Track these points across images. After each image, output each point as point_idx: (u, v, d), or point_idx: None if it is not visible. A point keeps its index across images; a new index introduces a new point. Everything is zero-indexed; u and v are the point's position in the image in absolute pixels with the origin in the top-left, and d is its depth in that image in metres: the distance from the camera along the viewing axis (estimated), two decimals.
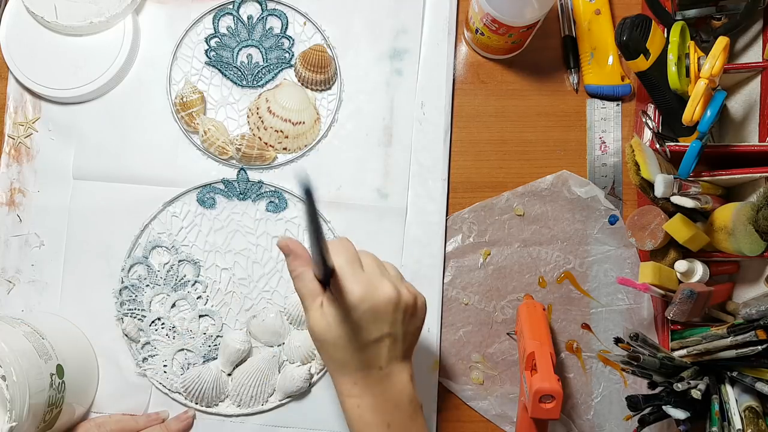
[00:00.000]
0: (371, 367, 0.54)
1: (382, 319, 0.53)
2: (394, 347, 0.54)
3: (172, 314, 0.71)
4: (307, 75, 0.72)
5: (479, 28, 0.68)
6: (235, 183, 0.72)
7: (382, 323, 0.53)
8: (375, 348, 0.54)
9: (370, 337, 0.53)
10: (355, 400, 0.54)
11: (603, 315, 0.71)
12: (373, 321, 0.53)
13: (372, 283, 0.53)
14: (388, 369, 0.54)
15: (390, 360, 0.54)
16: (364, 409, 0.54)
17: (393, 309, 0.53)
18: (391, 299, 0.53)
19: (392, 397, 0.54)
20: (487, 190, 0.73)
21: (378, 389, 0.54)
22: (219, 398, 0.70)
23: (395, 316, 0.54)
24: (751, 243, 0.59)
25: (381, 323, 0.53)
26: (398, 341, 0.55)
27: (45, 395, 0.60)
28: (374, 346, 0.53)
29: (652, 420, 0.60)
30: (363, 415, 0.54)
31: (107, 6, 0.71)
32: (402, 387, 0.55)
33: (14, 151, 0.73)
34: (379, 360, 0.54)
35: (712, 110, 0.57)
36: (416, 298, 0.56)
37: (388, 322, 0.53)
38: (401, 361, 0.55)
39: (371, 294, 0.52)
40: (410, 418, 0.55)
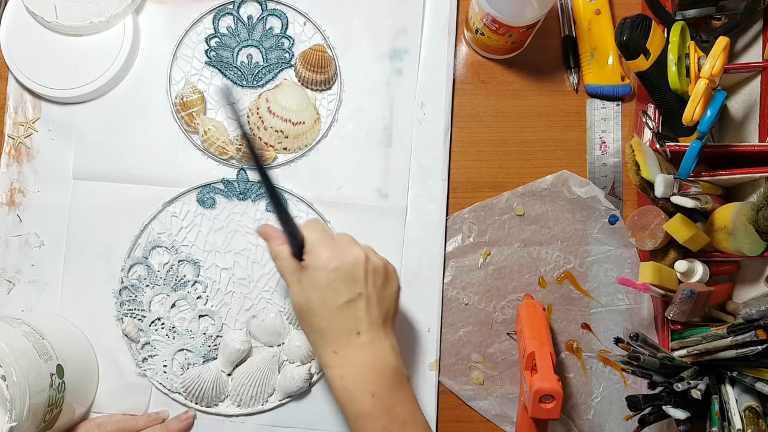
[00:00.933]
0: (350, 332, 0.55)
1: (352, 279, 0.55)
2: (369, 310, 0.56)
3: (172, 314, 0.71)
4: (307, 75, 0.72)
5: (479, 28, 0.68)
6: (235, 183, 0.72)
7: (354, 283, 0.55)
8: (349, 310, 0.55)
9: (342, 297, 0.55)
10: (338, 371, 0.55)
11: (603, 315, 0.71)
12: (344, 281, 0.55)
13: (340, 247, 0.56)
14: (367, 336, 0.55)
15: (369, 326, 0.56)
16: (347, 380, 0.55)
17: (362, 269, 0.56)
18: (359, 260, 0.56)
19: (375, 367, 0.55)
20: (487, 190, 0.73)
21: (359, 358, 0.55)
22: (219, 398, 0.70)
23: (365, 277, 0.56)
24: (751, 243, 0.59)
25: (352, 283, 0.55)
26: (373, 304, 0.56)
27: (45, 395, 0.60)
28: (348, 308, 0.55)
29: (652, 420, 0.60)
30: (347, 386, 0.55)
31: (107, 6, 0.71)
32: (384, 356, 0.56)
33: (14, 151, 0.73)
34: (357, 324, 0.55)
35: (712, 110, 0.57)
36: (386, 264, 0.59)
37: (360, 282, 0.55)
38: (381, 329, 0.56)
39: (339, 256, 0.55)
40: (394, 387, 0.56)
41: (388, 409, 0.54)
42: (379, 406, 0.54)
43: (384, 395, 0.55)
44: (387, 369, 0.56)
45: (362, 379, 0.55)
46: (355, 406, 0.54)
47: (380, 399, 0.54)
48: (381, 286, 0.57)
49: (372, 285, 0.56)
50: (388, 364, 0.56)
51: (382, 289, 0.57)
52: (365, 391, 0.54)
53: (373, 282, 0.56)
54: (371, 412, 0.54)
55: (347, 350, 0.55)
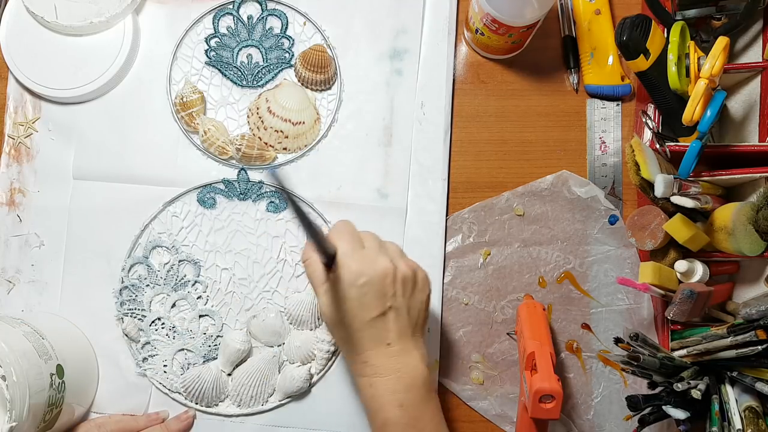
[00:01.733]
0: (380, 343, 0.55)
1: (382, 293, 0.54)
2: (398, 321, 0.55)
3: (172, 314, 0.71)
4: (307, 75, 0.72)
5: (479, 28, 0.68)
6: (235, 183, 0.72)
7: (383, 296, 0.55)
8: (380, 323, 0.55)
9: (373, 312, 0.54)
10: (367, 380, 0.55)
11: (603, 315, 0.71)
12: (374, 295, 0.54)
13: (368, 259, 0.55)
14: (398, 346, 0.55)
15: (399, 336, 0.55)
16: (376, 388, 0.54)
17: (391, 281, 0.55)
18: (387, 272, 0.55)
19: (404, 377, 0.55)
20: (487, 190, 0.73)
21: (389, 367, 0.55)
22: (219, 398, 0.70)
23: (394, 288, 0.55)
24: (751, 243, 0.59)
25: (382, 297, 0.55)
26: (402, 315, 0.55)
27: (45, 395, 0.60)
28: (379, 321, 0.55)
29: (652, 420, 0.60)
30: (375, 394, 0.54)
31: (107, 6, 0.71)
32: (414, 367, 0.55)
33: (14, 151, 0.73)
34: (387, 335, 0.55)
35: (712, 110, 0.57)
36: (416, 271, 0.58)
37: (389, 295, 0.55)
38: (411, 338, 0.56)
39: (368, 269, 0.54)
40: (423, 399, 0.55)
41: (415, 420, 0.54)
42: (407, 417, 0.54)
43: (412, 407, 0.54)
44: (417, 379, 0.55)
45: (392, 388, 0.54)
46: (383, 415, 0.54)
47: (408, 410, 0.54)
48: (410, 295, 0.57)
49: (401, 296, 0.56)
50: (418, 375, 0.55)
51: (411, 299, 0.57)
52: (394, 401, 0.54)
53: (402, 293, 0.56)
54: (398, 422, 0.54)
55: (378, 359, 0.55)
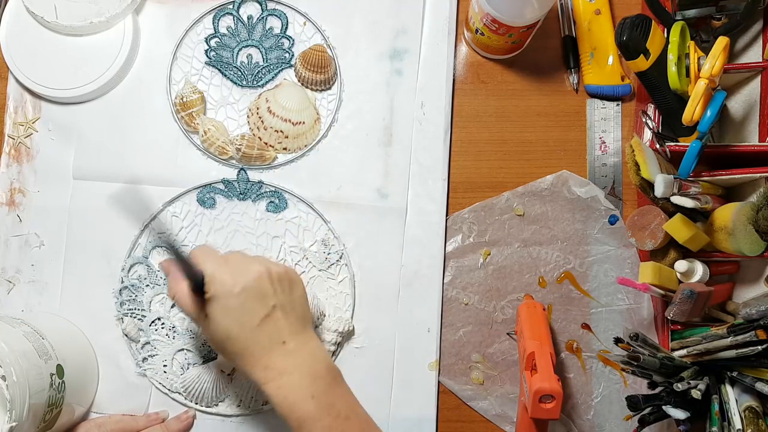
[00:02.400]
0: (276, 343, 0.55)
1: (261, 293, 0.55)
2: (287, 317, 0.56)
3: (172, 314, 0.71)
4: (307, 75, 0.72)
5: (479, 28, 0.68)
6: (235, 183, 0.72)
7: (264, 297, 0.55)
8: (269, 324, 0.55)
9: (259, 314, 0.55)
10: (274, 384, 0.55)
11: (603, 315, 0.71)
12: (254, 298, 0.55)
13: (239, 268, 0.56)
14: (293, 342, 0.56)
15: (291, 332, 0.56)
16: (285, 389, 0.54)
17: (268, 281, 0.56)
18: (262, 274, 0.56)
19: (308, 370, 0.55)
20: (487, 190, 0.73)
21: (290, 365, 0.55)
22: (219, 398, 0.70)
23: (273, 288, 0.56)
24: (751, 243, 0.59)
25: (262, 297, 0.55)
26: (288, 311, 0.56)
27: (45, 395, 0.60)
28: (268, 323, 0.55)
29: (652, 420, 0.60)
30: (286, 395, 0.54)
31: (107, 6, 0.71)
32: (313, 357, 0.56)
33: (14, 151, 0.73)
34: (280, 334, 0.55)
35: (712, 110, 0.57)
36: (286, 269, 0.59)
37: (269, 294, 0.56)
38: (303, 332, 0.57)
39: (241, 276, 0.55)
40: (330, 385, 0.56)
41: (329, 408, 0.54)
42: (320, 406, 0.54)
43: (322, 395, 0.55)
44: (320, 369, 0.56)
45: (299, 384, 0.54)
46: (297, 412, 0.54)
47: (319, 399, 0.54)
48: (289, 292, 0.58)
49: (282, 293, 0.57)
50: (320, 364, 0.56)
51: (291, 295, 0.58)
52: (305, 395, 0.54)
53: (281, 290, 0.57)
54: (313, 414, 0.54)
55: (277, 361, 0.55)
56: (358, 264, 0.71)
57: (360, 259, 0.71)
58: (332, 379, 0.56)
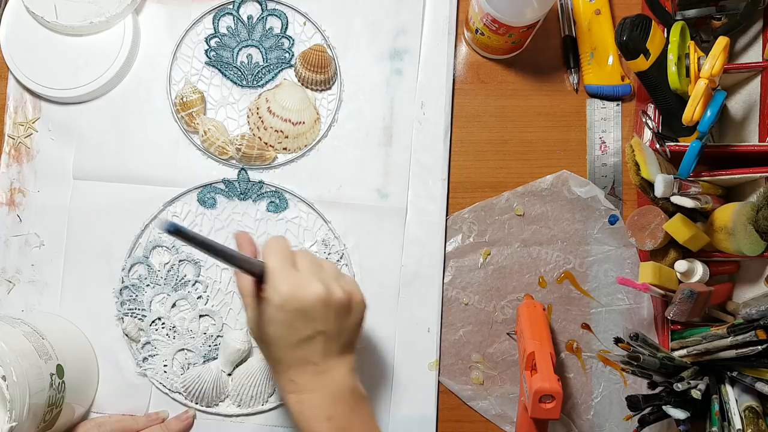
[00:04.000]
0: (306, 363, 0.55)
1: (312, 317, 0.54)
2: (327, 344, 0.55)
3: (173, 314, 0.71)
4: (307, 75, 0.72)
5: (479, 28, 0.68)
6: (235, 183, 0.72)
7: (313, 321, 0.54)
8: (307, 345, 0.54)
9: (300, 335, 0.54)
10: (295, 396, 0.55)
11: (603, 315, 0.71)
12: (303, 319, 0.54)
13: (301, 283, 0.54)
14: (324, 365, 0.55)
15: (325, 356, 0.55)
16: (304, 405, 0.55)
17: (323, 307, 0.54)
18: (320, 297, 0.54)
19: (331, 392, 0.55)
20: (487, 190, 0.73)
21: (315, 384, 0.55)
22: (219, 398, 0.70)
23: (326, 314, 0.54)
24: (751, 243, 0.59)
25: (311, 321, 0.54)
26: (332, 338, 0.55)
27: (45, 395, 0.60)
28: (307, 344, 0.54)
29: (652, 420, 0.60)
30: (303, 410, 0.55)
31: (107, 6, 0.71)
32: (341, 380, 0.56)
33: (14, 151, 0.73)
34: (313, 356, 0.55)
35: (712, 110, 0.57)
36: (351, 295, 0.57)
37: (320, 320, 0.54)
38: (338, 356, 0.56)
39: (299, 293, 0.53)
40: (351, 410, 0.56)
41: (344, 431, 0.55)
42: (335, 428, 0.54)
43: (340, 418, 0.55)
44: (344, 393, 0.56)
45: (318, 404, 0.55)
46: (312, 429, 0.54)
47: (336, 422, 0.54)
48: (342, 319, 0.56)
49: (333, 321, 0.55)
50: (344, 388, 0.56)
51: (342, 323, 0.56)
52: (321, 415, 0.54)
53: (334, 318, 0.55)
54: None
55: (303, 377, 0.55)
56: (358, 264, 0.71)
57: (360, 259, 0.71)
58: (354, 403, 0.56)
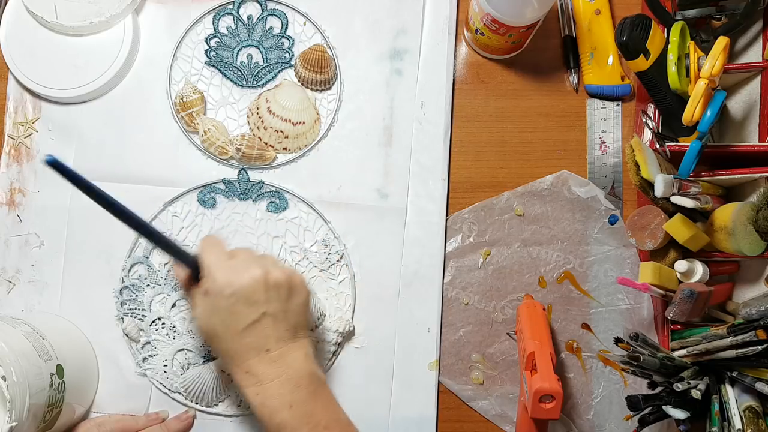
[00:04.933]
0: (259, 351, 0.54)
1: (253, 300, 0.54)
2: (276, 326, 0.55)
3: (173, 314, 0.71)
4: (307, 75, 0.72)
5: (479, 28, 0.68)
6: (235, 183, 0.72)
7: (255, 304, 0.54)
8: (255, 330, 0.54)
9: (246, 319, 0.54)
10: (253, 389, 0.54)
11: (603, 315, 0.71)
12: (244, 303, 0.54)
13: (236, 268, 0.55)
14: (278, 350, 0.55)
15: (278, 340, 0.55)
16: (263, 396, 0.54)
17: (263, 288, 0.54)
18: (257, 278, 0.54)
19: (289, 378, 0.55)
20: (487, 190, 0.73)
21: (272, 373, 0.54)
22: (219, 398, 0.70)
23: (267, 295, 0.55)
24: (751, 243, 0.59)
25: (253, 305, 0.54)
26: (279, 320, 0.55)
27: (45, 395, 0.60)
28: (254, 329, 0.54)
29: (652, 420, 0.60)
30: (264, 402, 0.54)
31: (107, 6, 0.71)
32: (298, 366, 0.55)
33: (14, 151, 0.73)
34: (265, 343, 0.54)
35: (712, 110, 0.57)
36: (291, 276, 0.57)
37: (261, 302, 0.54)
38: (291, 341, 0.56)
39: (235, 278, 0.54)
40: (312, 394, 0.55)
41: (308, 417, 0.54)
42: (298, 415, 0.54)
43: (301, 404, 0.54)
44: (302, 378, 0.55)
45: (278, 392, 0.54)
46: (275, 419, 0.54)
47: (298, 408, 0.54)
48: (285, 300, 0.56)
49: (276, 301, 0.55)
50: (302, 373, 0.55)
51: (287, 303, 0.56)
52: (283, 403, 0.54)
53: (276, 297, 0.55)
54: (291, 422, 0.54)
55: (259, 367, 0.54)
56: (358, 264, 0.71)
57: (360, 259, 0.71)
58: (315, 389, 0.56)
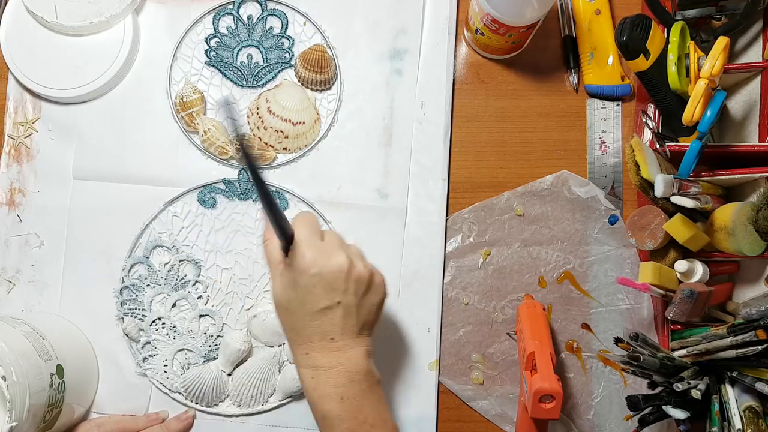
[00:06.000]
0: (323, 337, 0.55)
1: (332, 287, 0.54)
2: (346, 319, 0.55)
3: (173, 314, 0.71)
4: (307, 75, 0.72)
5: (479, 28, 0.68)
6: (236, 183, 0.72)
7: (333, 291, 0.54)
8: (326, 316, 0.55)
9: (320, 303, 0.54)
10: (309, 371, 0.55)
11: (603, 315, 0.71)
12: (323, 288, 0.54)
13: (325, 251, 0.55)
14: (341, 342, 0.55)
15: (343, 332, 0.55)
16: (317, 380, 0.55)
17: (344, 278, 0.55)
18: (342, 268, 0.54)
19: (345, 371, 0.55)
20: (487, 190, 0.73)
21: (330, 361, 0.55)
22: (219, 398, 0.70)
23: (347, 286, 0.55)
24: (751, 243, 0.59)
25: (331, 291, 0.54)
26: (351, 313, 0.55)
27: (45, 395, 0.60)
28: (325, 315, 0.55)
29: (652, 420, 0.60)
30: (317, 386, 0.55)
31: (107, 6, 0.71)
32: (356, 361, 0.55)
33: (14, 151, 0.73)
34: (331, 330, 0.55)
35: (712, 110, 0.57)
36: (373, 274, 0.57)
37: (339, 291, 0.55)
38: (356, 336, 0.56)
39: (322, 260, 0.54)
40: (364, 392, 0.55)
41: (356, 412, 0.54)
42: (347, 408, 0.54)
43: (352, 399, 0.55)
44: (358, 373, 0.55)
45: (332, 381, 0.54)
46: (324, 407, 0.54)
47: (348, 402, 0.54)
48: (362, 295, 0.56)
49: (353, 294, 0.55)
50: (359, 369, 0.55)
51: (362, 299, 0.56)
52: (334, 393, 0.54)
53: (354, 291, 0.55)
54: (339, 414, 0.54)
55: (320, 352, 0.55)
56: None
57: None
58: (368, 386, 0.56)
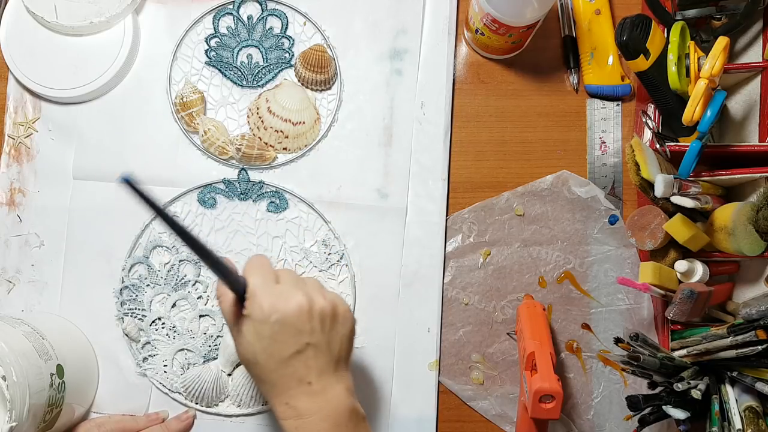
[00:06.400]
0: (300, 383, 0.53)
1: (297, 330, 0.52)
2: (318, 358, 0.53)
3: (173, 314, 0.71)
4: (307, 75, 0.72)
5: (479, 28, 0.68)
6: (236, 183, 0.72)
7: (299, 334, 0.52)
8: (298, 361, 0.52)
9: (289, 349, 0.52)
10: (292, 422, 0.53)
11: (603, 315, 0.71)
12: (289, 333, 0.52)
13: (283, 294, 0.53)
14: (319, 384, 0.53)
15: (320, 374, 0.53)
16: (302, 430, 0.52)
17: (307, 318, 0.52)
18: (302, 307, 0.52)
19: (329, 414, 0.53)
20: (487, 190, 0.73)
21: (312, 407, 0.53)
22: (219, 398, 0.70)
23: (312, 325, 0.53)
24: (751, 243, 0.59)
25: (297, 335, 0.52)
26: (323, 352, 0.53)
27: (45, 395, 0.60)
28: (296, 360, 0.52)
29: (652, 420, 0.60)
30: None
31: (107, 6, 0.71)
32: (338, 402, 0.53)
33: (14, 151, 0.73)
34: (307, 374, 0.53)
35: (712, 110, 0.57)
36: (336, 305, 0.55)
37: (306, 332, 0.52)
38: (333, 374, 0.54)
39: (281, 305, 0.52)
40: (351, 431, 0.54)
41: None
42: None
43: None
44: (342, 414, 0.53)
45: (317, 428, 0.52)
46: None
47: None
48: (329, 330, 0.54)
49: (320, 332, 0.53)
50: (343, 409, 0.53)
51: (331, 334, 0.54)
52: None
53: (320, 329, 0.53)
54: None
55: (299, 400, 0.53)
56: (358, 264, 0.71)
57: (360, 259, 0.71)
58: (354, 426, 0.54)
